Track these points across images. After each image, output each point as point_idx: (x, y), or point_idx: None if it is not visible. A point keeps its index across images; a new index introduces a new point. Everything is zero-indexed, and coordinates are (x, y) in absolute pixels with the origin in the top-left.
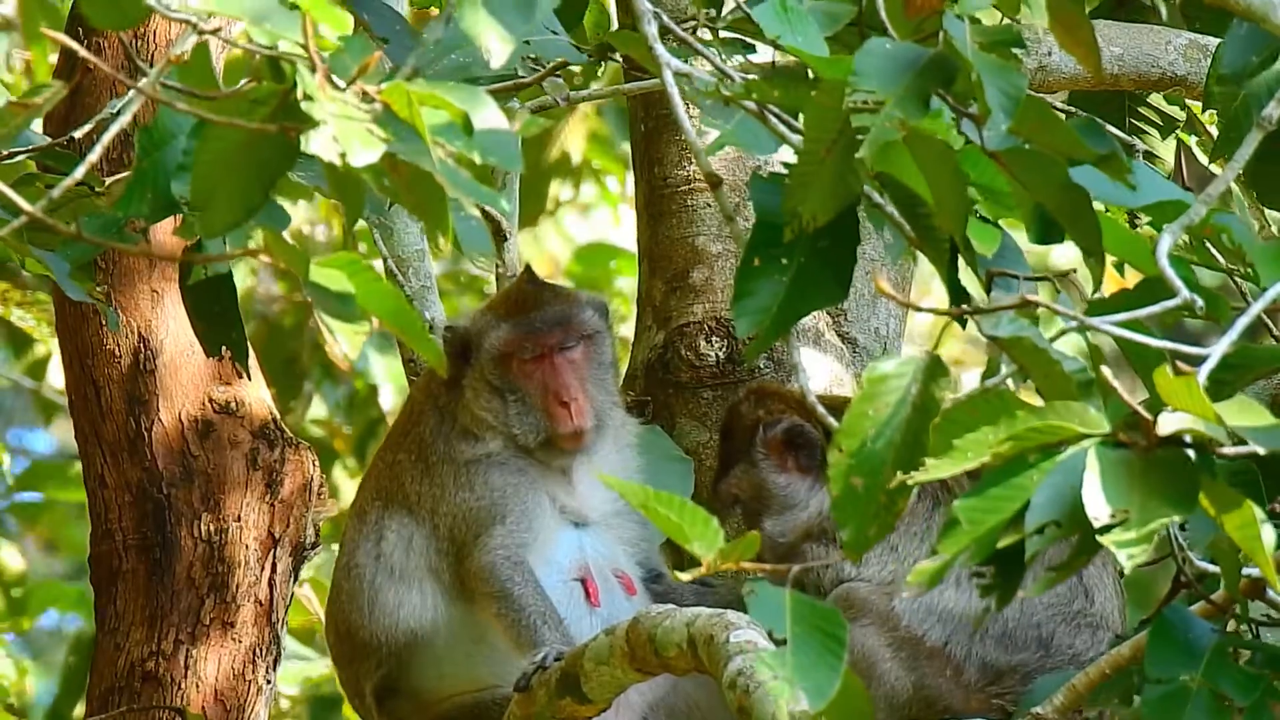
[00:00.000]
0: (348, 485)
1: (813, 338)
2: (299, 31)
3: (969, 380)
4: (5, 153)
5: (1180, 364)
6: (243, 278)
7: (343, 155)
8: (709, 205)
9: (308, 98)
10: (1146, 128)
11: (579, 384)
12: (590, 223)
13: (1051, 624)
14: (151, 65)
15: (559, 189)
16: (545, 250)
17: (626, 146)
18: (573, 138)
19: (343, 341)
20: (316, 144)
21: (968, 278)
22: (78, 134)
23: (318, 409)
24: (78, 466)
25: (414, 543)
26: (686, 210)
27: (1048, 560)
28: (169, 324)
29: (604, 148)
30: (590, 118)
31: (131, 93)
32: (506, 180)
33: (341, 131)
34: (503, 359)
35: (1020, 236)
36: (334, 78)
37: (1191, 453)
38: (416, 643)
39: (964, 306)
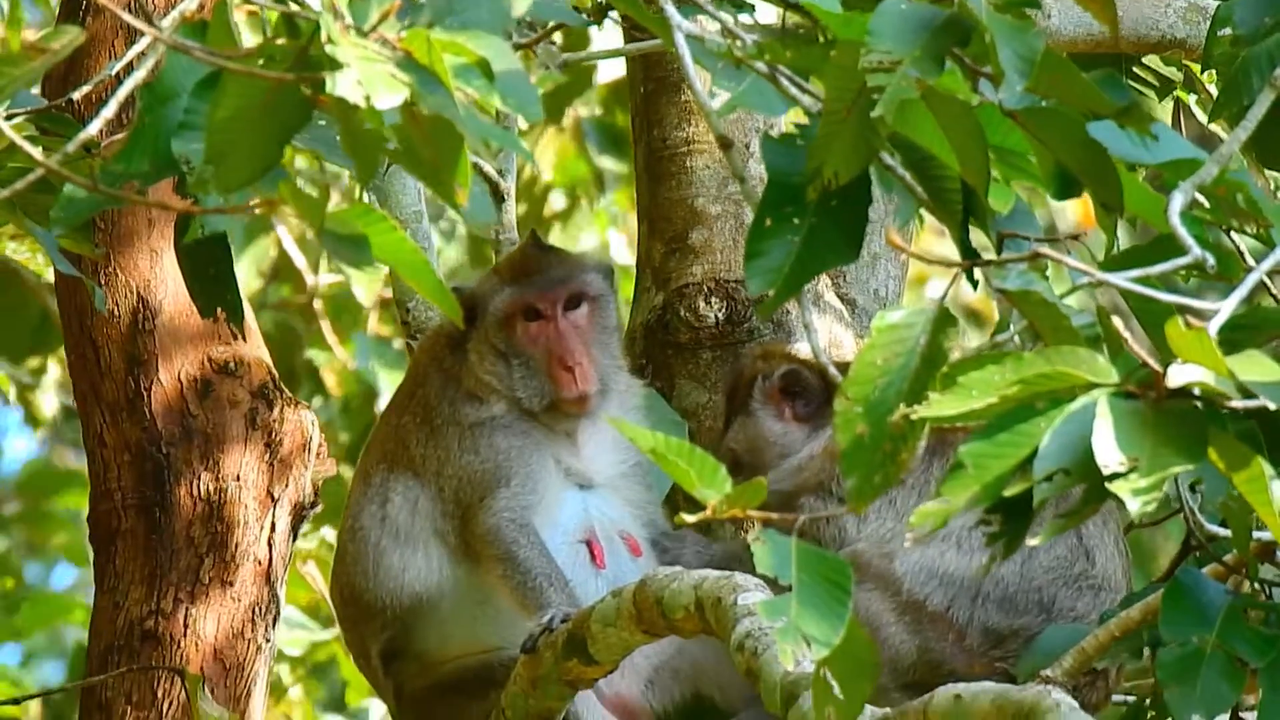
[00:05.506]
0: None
1: (812, 299)
2: None
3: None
4: (4, 114)
5: (1191, 319)
6: (248, 280)
7: (367, 98)
8: (708, 167)
9: (330, 41)
10: (1143, 89)
11: (583, 347)
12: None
13: (1053, 587)
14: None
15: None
16: None
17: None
18: (543, 157)
19: (359, 291)
20: (342, 85)
21: (978, 238)
22: (76, 95)
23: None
24: None
25: (419, 505)
26: (685, 172)
27: (1051, 516)
28: (168, 283)
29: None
30: (560, 135)
31: (145, 42)
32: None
33: (365, 74)
34: (507, 322)
35: (1030, 199)
36: (355, 25)
37: (1200, 405)
38: (422, 605)
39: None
